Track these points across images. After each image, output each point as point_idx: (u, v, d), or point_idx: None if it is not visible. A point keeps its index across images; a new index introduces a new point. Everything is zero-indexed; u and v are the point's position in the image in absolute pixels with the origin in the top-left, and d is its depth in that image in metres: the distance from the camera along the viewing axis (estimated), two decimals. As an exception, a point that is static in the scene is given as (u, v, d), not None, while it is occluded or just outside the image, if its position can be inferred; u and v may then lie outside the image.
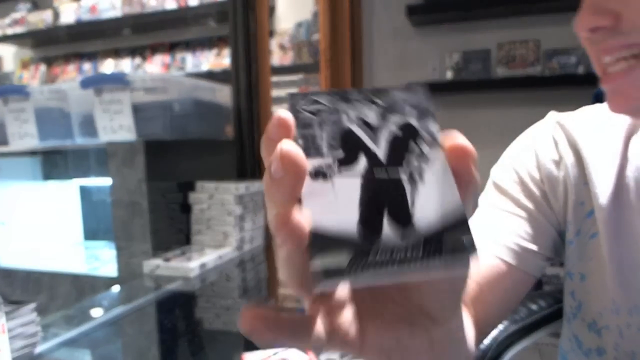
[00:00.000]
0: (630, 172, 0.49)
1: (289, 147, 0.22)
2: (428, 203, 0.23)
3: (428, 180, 0.24)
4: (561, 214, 0.53)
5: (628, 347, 0.48)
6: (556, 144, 0.54)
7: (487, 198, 0.56)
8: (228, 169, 1.48)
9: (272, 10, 2.25)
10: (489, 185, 0.57)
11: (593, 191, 0.50)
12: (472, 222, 0.28)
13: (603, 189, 0.50)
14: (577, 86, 1.59)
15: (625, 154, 0.50)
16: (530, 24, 1.72)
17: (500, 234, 0.53)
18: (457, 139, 0.27)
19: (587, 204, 0.51)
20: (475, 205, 0.47)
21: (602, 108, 0.54)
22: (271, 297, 1.08)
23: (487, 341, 0.75)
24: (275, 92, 2.15)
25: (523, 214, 0.53)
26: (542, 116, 0.64)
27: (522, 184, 0.54)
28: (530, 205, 0.53)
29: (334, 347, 0.26)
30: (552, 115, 0.57)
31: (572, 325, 0.55)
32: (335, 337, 0.25)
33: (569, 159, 0.52)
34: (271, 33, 2.20)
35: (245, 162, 1.49)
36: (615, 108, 0.43)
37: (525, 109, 1.74)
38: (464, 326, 0.35)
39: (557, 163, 0.53)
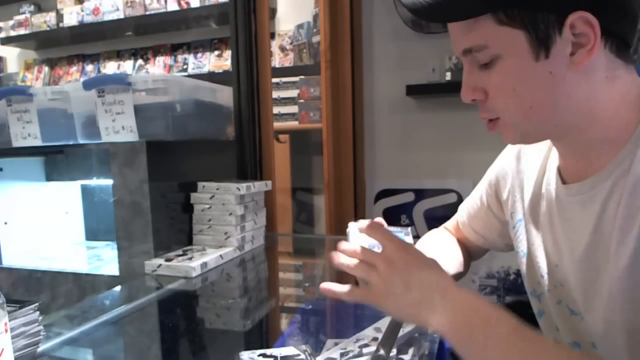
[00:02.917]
0: (546, 171, 0.66)
1: None
2: None
3: None
4: (506, 208, 0.75)
5: (552, 304, 0.64)
6: (515, 154, 0.73)
7: (480, 183, 0.82)
8: (229, 169, 1.49)
9: (272, 12, 2.26)
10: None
11: (528, 187, 0.69)
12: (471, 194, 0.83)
13: (530, 187, 0.68)
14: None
15: (548, 156, 0.66)
16: (529, 25, 1.72)
17: (464, 209, 0.85)
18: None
19: (525, 199, 0.69)
20: None
21: None
22: (272, 296, 1.08)
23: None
24: (276, 94, 2.16)
25: (479, 204, 0.81)
26: None
27: (489, 185, 0.79)
28: (485, 202, 0.80)
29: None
30: None
31: (529, 296, 0.72)
32: None
33: (519, 167, 0.72)
34: (272, 35, 2.22)
35: (246, 163, 1.50)
36: (506, 142, 0.61)
37: (524, 110, 1.74)
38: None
39: (509, 173, 0.74)
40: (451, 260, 0.78)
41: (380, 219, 0.68)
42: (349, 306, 0.98)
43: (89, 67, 2.76)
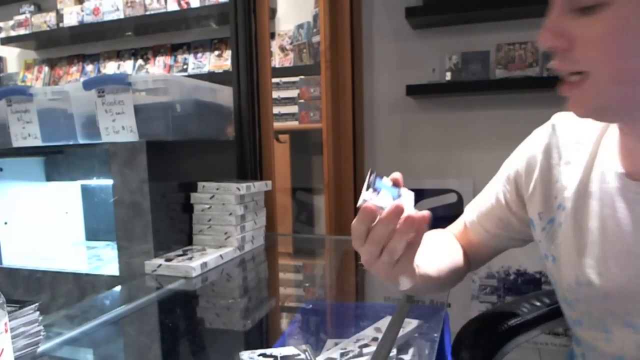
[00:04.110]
0: (596, 167, 0.57)
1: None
2: None
3: None
4: (529, 205, 0.66)
5: (596, 314, 0.58)
6: (544, 147, 0.64)
7: (491, 181, 0.74)
8: (229, 170, 1.49)
9: (273, 12, 2.26)
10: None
11: (563, 185, 0.61)
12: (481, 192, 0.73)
13: (571, 182, 0.60)
14: (576, 87, 1.59)
15: (595, 151, 0.59)
16: (528, 25, 1.73)
17: (474, 210, 0.75)
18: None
19: (559, 197, 0.61)
20: None
21: None
22: (272, 296, 1.08)
23: (487, 334, 0.76)
24: (276, 94, 2.16)
25: (494, 203, 0.71)
26: (540, 117, 0.69)
27: (508, 181, 0.70)
28: (503, 200, 0.70)
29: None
30: (553, 118, 0.65)
31: (560, 302, 0.66)
32: None
33: (549, 161, 0.63)
34: (272, 35, 2.22)
35: (246, 163, 1.50)
36: (575, 113, 0.51)
37: (523, 110, 1.74)
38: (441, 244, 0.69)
39: (535, 165, 0.65)
40: (440, 261, 0.65)
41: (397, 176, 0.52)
42: (349, 306, 0.98)
43: (89, 67, 2.76)
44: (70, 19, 2.62)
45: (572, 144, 0.61)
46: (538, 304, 0.82)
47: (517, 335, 0.78)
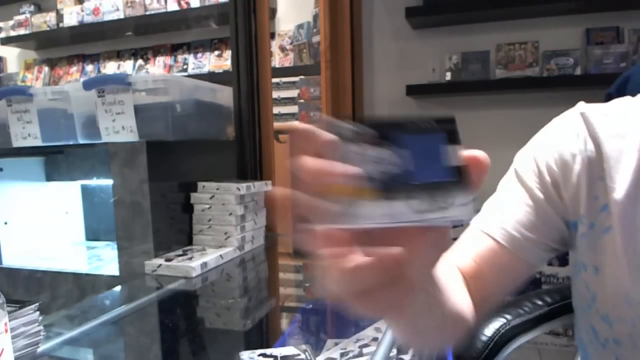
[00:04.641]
0: None
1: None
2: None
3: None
4: (571, 205, 0.54)
5: None
6: (577, 136, 0.54)
7: (506, 182, 0.59)
8: (229, 170, 1.49)
9: (273, 12, 2.26)
10: (510, 170, 0.59)
11: (609, 185, 0.51)
12: (488, 203, 0.40)
13: (620, 184, 0.50)
14: (575, 87, 1.59)
15: None
16: (528, 25, 1.73)
17: (505, 219, 0.56)
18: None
19: (602, 198, 0.52)
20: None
21: (631, 101, 0.55)
22: (272, 296, 1.08)
23: (489, 333, 0.75)
24: (276, 94, 2.17)
25: (532, 203, 0.55)
26: (540, 117, 0.67)
27: (539, 174, 0.55)
28: (541, 196, 0.55)
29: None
30: (579, 107, 0.57)
31: (588, 316, 0.56)
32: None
33: (587, 153, 0.53)
34: (272, 35, 2.22)
35: (246, 163, 1.50)
36: None
37: (523, 110, 1.74)
38: (446, 292, 0.41)
39: (574, 156, 0.53)
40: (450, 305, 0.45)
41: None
42: (349, 306, 0.98)
43: (89, 67, 2.76)
44: (70, 19, 2.62)
45: (614, 137, 0.51)
46: (540, 302, 0.82)
47: (518, 335, 0.78)
